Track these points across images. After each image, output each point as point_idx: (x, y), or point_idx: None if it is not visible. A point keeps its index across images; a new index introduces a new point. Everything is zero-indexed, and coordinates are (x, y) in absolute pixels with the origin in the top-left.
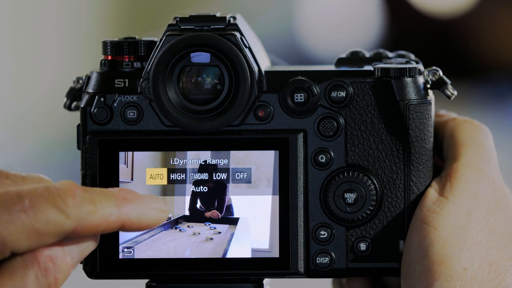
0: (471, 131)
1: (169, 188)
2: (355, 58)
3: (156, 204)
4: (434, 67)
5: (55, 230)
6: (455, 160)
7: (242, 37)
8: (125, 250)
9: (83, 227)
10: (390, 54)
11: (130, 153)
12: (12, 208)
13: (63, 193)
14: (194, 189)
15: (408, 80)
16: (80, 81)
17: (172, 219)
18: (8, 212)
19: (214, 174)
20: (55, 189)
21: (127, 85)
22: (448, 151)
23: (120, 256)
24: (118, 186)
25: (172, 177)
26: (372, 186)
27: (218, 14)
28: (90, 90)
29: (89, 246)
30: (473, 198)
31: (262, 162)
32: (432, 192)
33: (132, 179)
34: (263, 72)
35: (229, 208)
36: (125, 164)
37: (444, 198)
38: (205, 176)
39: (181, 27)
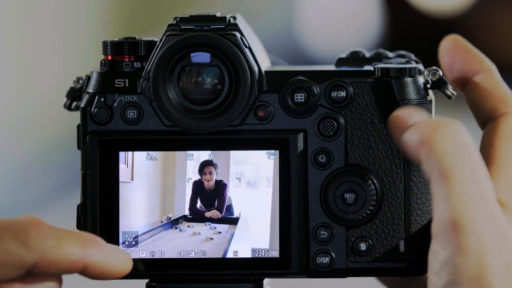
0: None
1: (169, 188)
2: (355, 58)
3: (121, 254)
4: (434, 67)
5: (16, 262)
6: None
7: (242, 37)
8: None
9: (45, 261)
10: (390, 54)
11: (130, 153)
12: None
13: (27, 225)
14: (194, 189)
15: (408, 80)
16: (80, 81)
17: (172, 219)
18: None
19: (214, 174)
20: (19, 222)
21: (127, 85)
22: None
23: None
24: (118, 186)
25: None
26: (372, 186)
27: (218, 14)
28: (90, 90)
29: None
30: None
31: (262, 162)
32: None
33: (132, 179)
34: (263, 72)
35: (229, 208)
36: (125, 164)
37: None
38: (205, 176)
39: (181, 27)
